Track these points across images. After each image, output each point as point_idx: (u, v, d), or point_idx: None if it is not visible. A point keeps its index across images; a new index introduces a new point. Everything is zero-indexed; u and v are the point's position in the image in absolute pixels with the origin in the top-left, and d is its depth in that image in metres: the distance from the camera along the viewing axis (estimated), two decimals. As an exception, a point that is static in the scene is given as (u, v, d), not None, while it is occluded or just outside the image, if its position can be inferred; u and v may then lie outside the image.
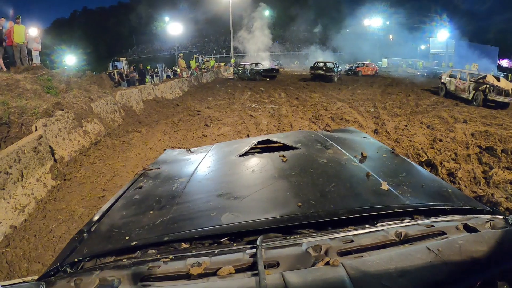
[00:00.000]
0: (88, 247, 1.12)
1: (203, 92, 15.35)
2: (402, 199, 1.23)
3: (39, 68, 8.17)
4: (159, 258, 0.96)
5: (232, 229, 1.10)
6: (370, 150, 1.98)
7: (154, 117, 9.28)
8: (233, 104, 11.28)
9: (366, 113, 9.23)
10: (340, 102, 11.33)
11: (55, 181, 4.76)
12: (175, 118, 8.95)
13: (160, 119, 8.95)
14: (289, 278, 0.76)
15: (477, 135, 6.96)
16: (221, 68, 31.86)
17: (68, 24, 74.15)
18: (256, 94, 13.83)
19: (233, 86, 18.03)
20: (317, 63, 21.05)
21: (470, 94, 12.33)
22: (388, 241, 0.95)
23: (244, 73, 22.23)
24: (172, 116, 9.40)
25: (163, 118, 9.16)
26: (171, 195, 1.46)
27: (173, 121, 8.50)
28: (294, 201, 1.24)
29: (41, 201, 4.24)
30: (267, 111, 9.73)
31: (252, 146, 2.19)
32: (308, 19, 56.02)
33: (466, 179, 4.60)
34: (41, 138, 4.77)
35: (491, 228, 0.99)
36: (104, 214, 1.38)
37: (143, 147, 6.32)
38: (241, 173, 1.71)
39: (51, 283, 0.88)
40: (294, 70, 34.77)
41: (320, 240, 0.97)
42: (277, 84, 18.09)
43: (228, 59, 42.79)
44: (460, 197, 1.31)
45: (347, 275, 0.76)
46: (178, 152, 2.44)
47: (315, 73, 20.20)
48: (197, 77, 19.73)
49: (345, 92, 14.45)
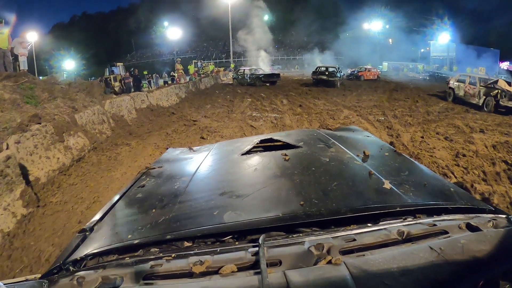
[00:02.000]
0: (90, 245, 1.10)
1: (201, 99, 14.72)
2: (405, 198, 1.22)
3: (22, 75, 7.51)
4: (161, 257, 0.95)
5: (234, 228, 1.09)
6: (373, 148, 1.95)
7: (147, 127, 8.62)
8: (232, 113, 10.63)
9: (376, 123, 8.58)
10: (347, 109, 10.68)
11: (27, 208, 4.09)
12: (169, 129, 8.29)
13: (153, 130, 8.29)
14: (291, 276, 0.76)
15: (499, 147, 6.35)
16: (220, 73, 31.55)
17: (68, 29, 74.45)
18: (256, 101, 13.16)
19: (233, 92, 17.39)
20: (319, 67, 20.45)
21: (480, 99, 11.73)
22: (391, 240, 0.94)
23: (243, 79, 21.59)
24: (166, 126, 8.74)
25: (157, 128, 8.50)
26: (173, 194, 1.45)
27: (166, 133, 7.84)
28: (297, 200, 1.22)
29: (8, 235, 3.58)
30: (269, 121, 9.10)
31: (255, 145, 2.18)
32: (307, 24, 55.86)
33: (503, 205, 3.98)
34: (9, 160, 4.09)
35: (494, 227, 0.98)
36: (106, 212, 1.37)
37: (131, 164, 5.66)
38: (243, 172, 1.69)
39: (54, 282, 0.89)
40: (294, 75, 34.28)
41: (322, 238, 0.95)
42: (278, 90, 17.46)
43: (228, 63, 42.42)
44: (463, 196, 1.29)
45: (349, 274, 0.75)
46: (180, 151, 2.42)
47: (317, 78, 19.54)
48: (195, 82, 19.12)
49: (350, 99, 13.80)
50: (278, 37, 57.86)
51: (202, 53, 61.63)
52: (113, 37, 73.47)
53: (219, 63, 47.01)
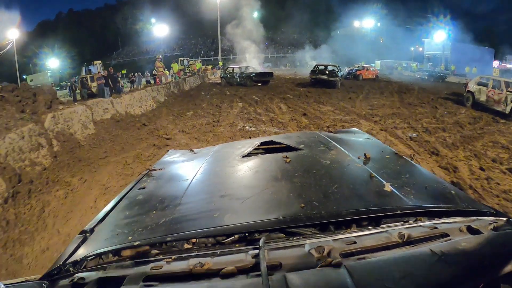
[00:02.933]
0: (90, 246, 1.10)
1: (183, 103, 12.60)
2: (405, 201, 1.21)
3: None
4: (161, 258, 0.95)
5: (234, 230, 1.08)
6: (374, 151, 1.87)
7: (105, 147, 6.51)
8: (219, 125, 8.51)
9: (412, 143, 6.67)
10: (364, 120, 8.73)
11: None
12: (132, 152, 6.18)
13: (111, 153, 6.18)
14: (291, 279, 0.76)
15: None
16: (208, 72, 29.50)
17: (53, 26, 71.78)
18: (249, 107, 11.06)
19: (220, 93, 15.31)
20: (317, 66, 18.48)
21: (507, 106, 10.12)
22: (391, 242, 0.93)
23: (232, 78, 19.42)
24: (130, 146, 6.63)
25: (117, 150, 6.39)
26: (174, 196, 1.44)
27: (126, 161, 5.70)
28: (297, 202, 1.22)
29: None
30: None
31: (255, 147, 2.15)
32: (298, 21, 54.26)
33: None
34: None
35: (494, 230, 0.97)
36: (107, 214, 1.37)
37: (61, 227, 3.59)
38: (244, 174, 1.66)
39: (54, 283, 0.91)
40: (286, 73, 32.38)
41: (323, 241, 0.95)
42: (272, 91, 15.44)
43: (216, 61, 40.32)
44: (464, 199, 1.28)
45: (349, 277, 0.75)
46: (181, 153, 2.37)
47: (316, 78, 17.44)
48: (178, 83, 16.87)
49: (359, 103, 11.82)
50: (268, 35, 56.21)
51: (190, 51, 59.85)
52: (99, 35, 72.93)
53: (207, 61, 45.28)
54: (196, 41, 66.46)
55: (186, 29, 63.99)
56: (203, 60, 44.23)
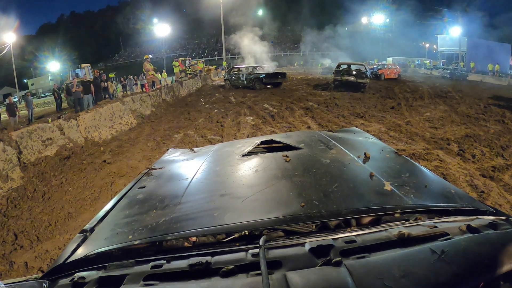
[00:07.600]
0: (91, 246, 1.08)
1: (174, 117, 9.70)
2: (405, 200, 1.19)
3: None
4: (162, 257, 0.93)
5: (235, 229, 1.06)
6: (374, 150, 1.87)
7: (24, 221, 3.65)
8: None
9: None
10: (441, 151, 5.55)
11: None
12: (62, 236, 3.35)
13: (23, 241, 3.36)
14: (292, 278, 0.75)
15: None
16: (211, 72, 26.80)
17: (55, 29, 71.73)
18: (262, 124, 8.09)
19: (224, 101, 12.43)
20: (340, 65, 15.47)
21: None
22: (391, 241, 0.92)
23: (238, 80, 16.59)
24: (63, 221, 3.74)
25: (35, 232, 3.55)
26: (174, 195, 1.42)
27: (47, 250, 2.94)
28: (297, 201, 1.18)
29: None
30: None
31: (255, 146, 2.12)
32: (306, 18, 52.24)
33: None
34: None
35: (494, 229, 0.96)
36: (107, 213, 1.34)
37: None
38: (244, 173, 1.61)
39: (54, 282, 0.89)
40: (294, 72, 29.33)
41: (323, 240, 0.94)
42: (288, 96, 12.49)
43: (220, 61, 37.70)
44: (464, 198, 1.25)
45: (349, 276, 0.74)
46: (181, 152, 2.34)
47: (341, 80, 14.44)
48: (172, 87, 13.96)
49: (410, 117, 8.71)
50: (274, 32, 53.61)
51: (193, 51, 57.86)
52: (101, 37, 72.31)
53: (211, 61, 42.77)
54: (199, 41, 65.31)
55: (189, 29, 62.98)
56: (207, 60, 41.85)
